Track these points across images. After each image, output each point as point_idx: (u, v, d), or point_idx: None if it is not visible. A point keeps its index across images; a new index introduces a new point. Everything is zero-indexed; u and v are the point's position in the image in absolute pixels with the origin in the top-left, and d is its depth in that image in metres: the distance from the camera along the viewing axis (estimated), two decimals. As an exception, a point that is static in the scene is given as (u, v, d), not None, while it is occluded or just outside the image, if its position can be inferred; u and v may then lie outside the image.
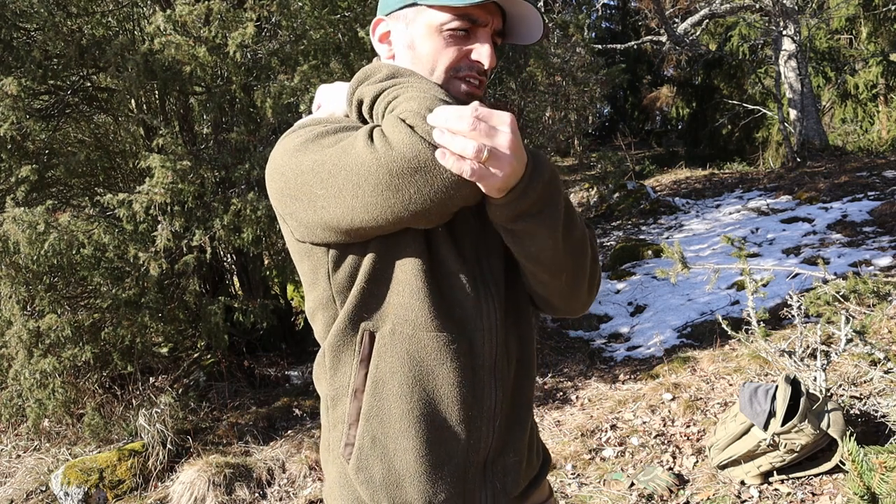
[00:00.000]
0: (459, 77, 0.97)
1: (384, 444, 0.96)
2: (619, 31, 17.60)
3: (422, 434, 0.94)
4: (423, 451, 0.94)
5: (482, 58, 0.95)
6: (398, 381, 0.94)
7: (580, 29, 5.61)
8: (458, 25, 0.94)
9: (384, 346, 0.95)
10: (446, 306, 0.94)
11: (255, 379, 4.60)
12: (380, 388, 0.95)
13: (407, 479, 0.95)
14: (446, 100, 0.87)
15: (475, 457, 0.98)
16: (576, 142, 8.73)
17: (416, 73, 0.94)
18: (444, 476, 0.96)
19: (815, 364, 3.03)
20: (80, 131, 4.61)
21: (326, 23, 3.99)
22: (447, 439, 0.96)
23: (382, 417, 0.95)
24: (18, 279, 3.44)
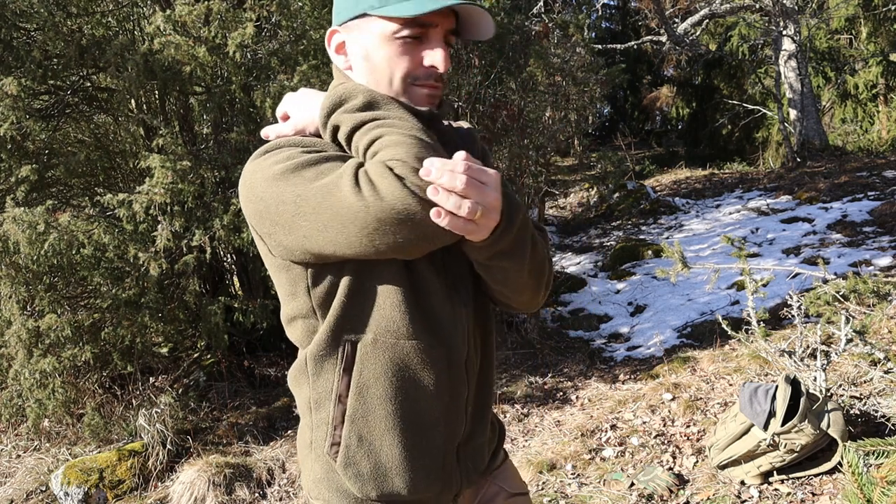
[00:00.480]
0: (417, 84, 0.98)
1: (370, 442, 1.02)
2: (619, 31, 17.59)
3: (406, 431, 1.02)
4: (407, 446, 1.02)
5: (436, 62, 0.96)
6: (383, 386, 1.00)
7: (580, 29, 5.61)
8: (410, 33, 0.94)
9: (367, 355, 1.00)
10: (425, 316, 0.99)
11: (255, 379, 4.60)
12: (364, 393, 1.01)
13: (393, 471, 1.03)
14: (427, 140, 0.89)
15: (451, 444, 1.07)
16: (576, 142, 8.73)
17: (392, 101, 0.96)
18: (425, 465, 1.04)
19: (815, 364, 3.03)
20: (80, 131, 4.61)
21: (326, 23, 3.99)
22: (428, 433, 1.04)
23: (368, 418, 1.02)
24: (18, 279, 3.44)
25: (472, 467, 1.12)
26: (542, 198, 5.43)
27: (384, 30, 0.95)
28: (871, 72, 11.71)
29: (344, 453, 1.03)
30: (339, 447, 1.04)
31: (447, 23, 0.97)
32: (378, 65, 0.97)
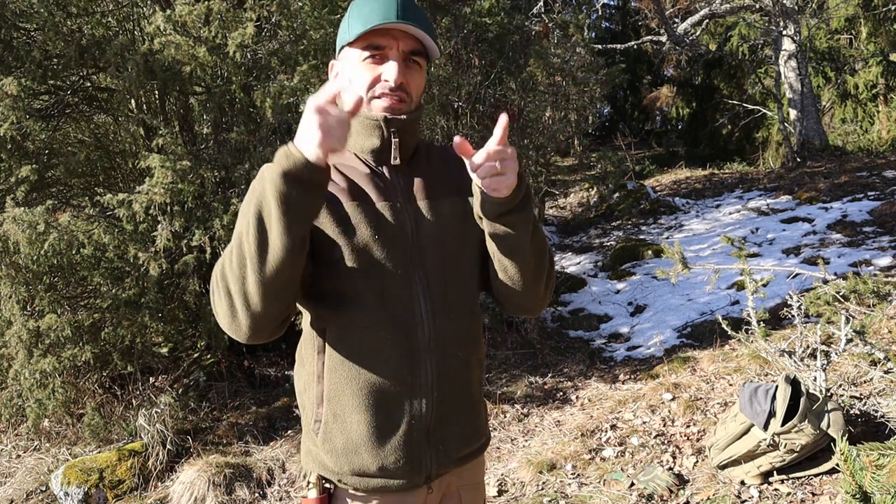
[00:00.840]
0: (377, 97, 1.14)
1: (343, 420, 1.16)
2: (619, 31, 17.59)
3: (370, 409, 1.15)
4: (372, 423, 1.15)
5: (388, 75, 1.13)
6: (346, 367, 1.15)
7: (580, 29, 5.61)
8: (368, 53, 1.13)
9: (333, 339, 1.16)
10: (383, 305, 1.14)
11: (255, 379, 4.60)
12: (333, 374, 1.16)
13: (362, 447, 1.16)
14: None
15: (418, 425, 1.17)
16: (576, 142, 8.73)
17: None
18: (392, 443, 1.16)
19: (815, 364, 3.03)
20: (80, 131, 4.61)
21: (326, 23, 3.99)
22: (392, 412, 1.16)
23: (339, 398, 1.16)
24: (18, 279, 3.44)
25: (444, 451, 1.21)
26: (542, 198, 5.43)
27: (353, 55, 1.15)
28: (871, 72, 11.71)
29: (323, 429, 1.18)
30: (321, 423, 1.18)
31: (404, 45, 1.13)
32: (353, 83, 1.15)
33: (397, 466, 1.16)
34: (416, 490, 1.21)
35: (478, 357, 1.27)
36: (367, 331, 1.14)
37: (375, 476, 1.17)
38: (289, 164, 0.95)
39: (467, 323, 1.23)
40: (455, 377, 1.21)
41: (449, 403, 1.21)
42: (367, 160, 1.19)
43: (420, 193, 1.20)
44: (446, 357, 1.19)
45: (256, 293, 1.01)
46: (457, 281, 1.21)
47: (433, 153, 1.27)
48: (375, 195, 1.16)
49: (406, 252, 1.16)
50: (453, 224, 1.20)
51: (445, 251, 1.19)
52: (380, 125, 1.15)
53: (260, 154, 3.71)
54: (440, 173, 1.23)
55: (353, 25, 1.13)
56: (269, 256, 0.98)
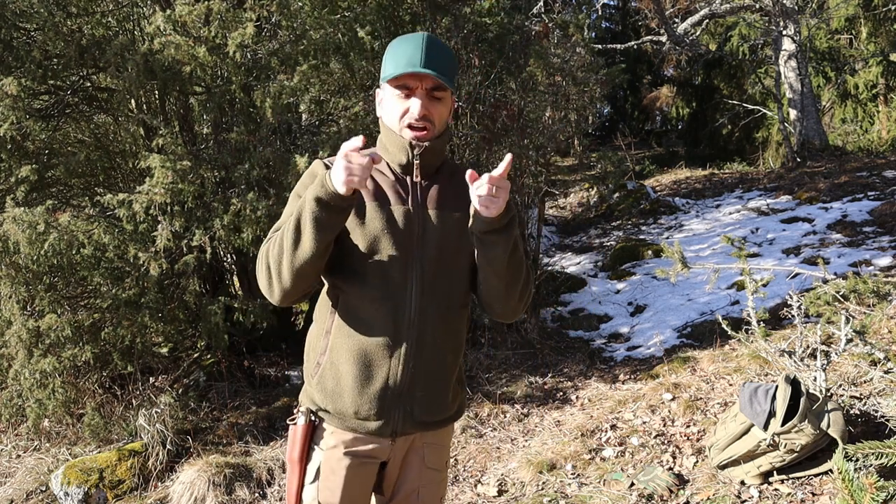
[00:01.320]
0: (408, 126, 1.42)
1: (336, 368, 1.46)
2: (619, 31, 17.58)
3: (358, 364, 1.43)
4: (357, 376, 1.43)
5: (413, 110, 1.41)
6: (348, 328, 1.45)
7: (580, 29, 5.60)
8: (399, 92, 1.42)
9: (342, 305, 1.46)
10: (383, 284, 1.42)
11: (255, 379, 4.60)
12: (338, 332, 1.46)
13: (345, 393, 1.45)
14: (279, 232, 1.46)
15: (392, 385, 1.44)
16: (576, 142, 8.72)
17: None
18: (368, 395, 1.44)
19: (815, 364, 3.03)
20: (80, 131, 4.61)
21: (326, 23, 3.99)
22: (373, 369, 1.43)
23: (339, 351, 1.45)
24: (18, 279, 3.44)
25: (410, 413, 1.47)
26: (542, 198, 5.43)
27: (390, 91, 1.44)
28: (871, 72, 11.70)
29: (320, 373, 1.48)
30: (320, 368, 1.48)
31: (427, 83, 1.40)
32: (388, 112, 1.46)
33: (369, 415, 1.44)
34: (381, 438, 1.48)
35: (453, 346, 1.51)
36: (368, 302, 1.43)
37: (351, 418, 1.46)
38: (322, 192, 1.28)
39: (448, 315, 1.48)
40: (429, 355, 1.46)
41: (421, 375, 1.46)
42: (396, 170, 1.48)
43: (433, 203, 1.47)
44: (424, 336, 1.44)
45: (288, 275, 1.36)
46: (447, 278, 1.47)
47: (457, 173, 1.52)
48: (394, 199, 1.44)
49: (409, 247, 1.43)
50: (455, 233, 1.46)
51: (443, 252, 1.45)
52: (406, 148, 1.44)
53: (260, 154, 3.71)
54: (455, 190, 1.49)
55: (388, 66, 1.43)
56: (299, 253, 1.33)
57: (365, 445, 1.48)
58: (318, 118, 4.47)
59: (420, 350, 1.44)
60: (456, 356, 1.53)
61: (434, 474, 1.57)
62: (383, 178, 1.47)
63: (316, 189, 1.29)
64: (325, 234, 1.31)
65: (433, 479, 1.57)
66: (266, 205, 3.58)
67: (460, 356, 1.56)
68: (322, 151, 3.77)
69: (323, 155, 3.78)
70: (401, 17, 4.83)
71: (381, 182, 1.47)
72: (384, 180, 1.47)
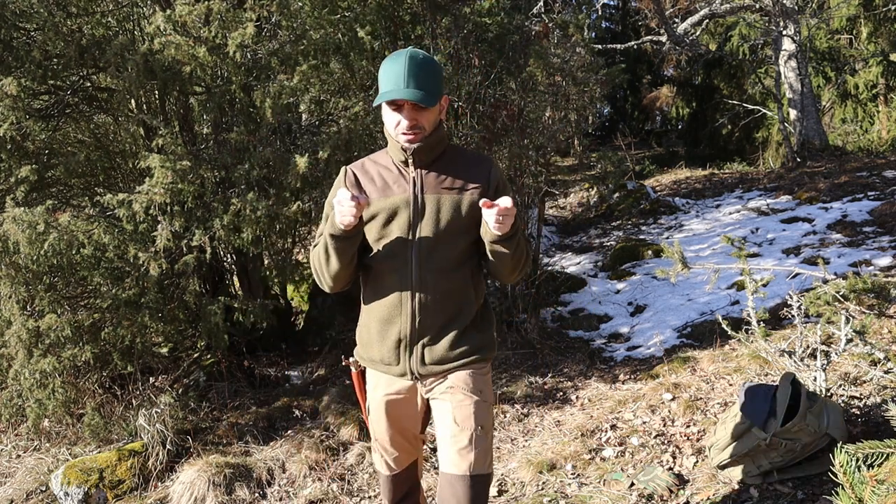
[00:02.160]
0: (400, 133, 1.74)
1: (368, 326, 1.90)
2: (619, 31, 17.59)
3: (378, 321, 1.85)
4: (378, 331, 1.85)
5: (402, 124, 1.73)
6: (372, 294, 1.87)
7: (580, 29, 5.60)
8: (391, 108, 1.74)
9: (369, 276, 1.88)
10: (391, 256, 1.80)
11: (255, 379, 4.60)
12: (367, 296, 1.89)
13: (373, 344, 1.88)
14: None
15: (403, 338, 1.82)
16: (576, 142, 8.72)
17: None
18: (387, 346, 1.85)
19: (815, 364, 3.03)
20: (80, 131, 4.61)
21: (326, 23, 3.99)
22: (389, 326, 1.83)
23: (368, 312, 1.89)
24: (18, 279, 3.44)
25: (420, 358, 1.82)
26: (542, 198, 5.43)
27: (385, 105, 1.76)
28: (871, 72, 11.70)
29: (359, 330, 1.95)
30: (360, 326, 1.95)
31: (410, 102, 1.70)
32: (387, 126, 1.79)
33: (390, 361, 1.85)
34: (403, 379, 1.87)
35: (458, 300, 1.83)
36: (382, 274, 1.82)
37: (379, 364, 1.89)
38: (332, 230, 1.72)
39: (449, 276, 1.80)
40: (432, 312, 1.80)
41: (426, 328, 1.81)
42: (399, 165, 1.83)
43: (430, 188, 1.79)
44: (425, 298, 1.79)
45: (329, 278, 1.84)
46: (444, 248, 1.79)
47: (458, 158, 1.86)
48: (397, 189, 1.80)
49: (410, 226, 1.78)
50: (449, 212, 1.78)
51: (438, 226, 1.77)
52: (402, 149, 1.77)
53: (260, 154, 3.71)
54: (453, 175, 1.81)
55: (381, 86, 1.73)
56: (331, 267, 1.80)
57: (392, 385, 1.89)
58: (318, 118, 4.47)
59: (423, 308, 1.79)
60: (465, 306, 1.84)
61: (461, 393, 1.81)
62: (388, 172, 1.83)
63: (329, 228, 1.73)
64: (343, 255, 1.76)
65: (463, 401, 1.81)
66: (266, 205, 3.58)
67: (472, 304, 1.85)
68: (322, 151, 3.77)
69: (323, 156, 3.78)
70: (401, 17, 4.83)
71: (385, 177, 1.83)
72: (388, 174, 1.83)
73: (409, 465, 2.04)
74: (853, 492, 1.06)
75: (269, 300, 4.29)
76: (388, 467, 2.02)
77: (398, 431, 1.96)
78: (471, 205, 1.78)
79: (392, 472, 2.02)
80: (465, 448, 1.76)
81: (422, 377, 1.85)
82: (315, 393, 4.30)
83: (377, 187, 1.81)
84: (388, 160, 1.85)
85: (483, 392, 1.85)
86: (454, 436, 1.78)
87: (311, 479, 3.29)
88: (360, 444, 3.50)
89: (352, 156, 3.99)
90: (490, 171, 1.84)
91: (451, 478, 1.76)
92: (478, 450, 1.76)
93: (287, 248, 4.83)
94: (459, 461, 1.75)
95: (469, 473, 1.74)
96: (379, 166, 1.85)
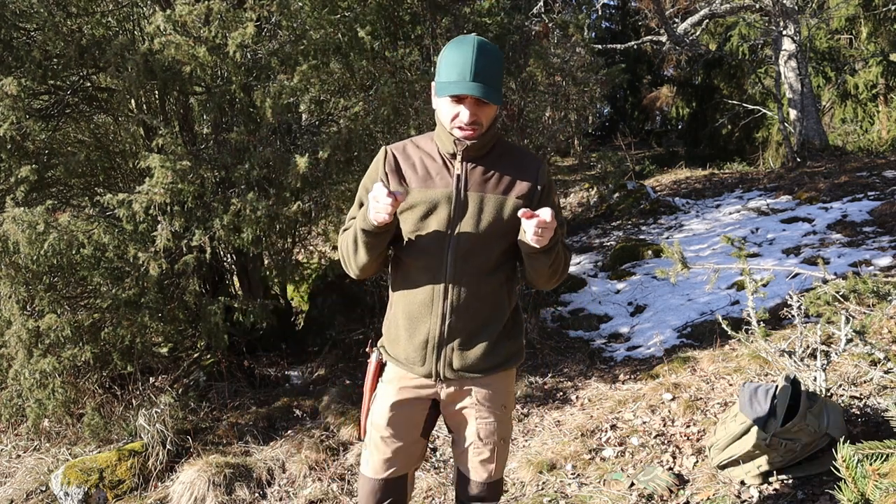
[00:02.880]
0: (457, 127, 1.65)
1: (395, 321, 1.80)
2: (619, 31, 17.59)
3: (407, 318, 1.76)
4: (406, 328, 1.76)
5: (463, 118, 1.62)
6: (402, 288, 1.78)
7: (580, 29, 5.60)
8: (452, 101, 1.63)
9: (400, 270, 1.79)
10: (425, 252, 1.70)
11: (255, 379, 4.60)
12: (396, 290, 1.81)
13: (400, 341, 1.79)
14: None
15: (431, 338, 1.74)
16: (576, 142, 8.73)
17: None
18: (414, 345, 1.76)
19: (815, 364, 3.03)
20: (80, 131, 4.61)
21: (326, 23, 3.99)
22: (417, 325, 1.74)
23: (397, 306, 1.80)
24: (18, 279, 3.44)
25: (448, 361, 1.75)
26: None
27: (443, 99, 1.65)
28: (871, 72, 11.70)
29: (387, 324, 1.86)
30: (387, 320, 1.85)
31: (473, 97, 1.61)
32: (440, 112, 1.69)
33: (415, 361, 1.76)
34: (426, 379, 1.78)
35: (492, 303, 1.75)
36: (414, 269, 1.73)
37: (403, 361, 1.80)
38: (365, 225, 1.63)
39: (484, 278, 1.72)
40: (465, 314, 1.72)
41: (458, 330, 1.73)
42: (445, 156, 1.72)
43: (474, 185, 1.69)
44: (458, 299, 1.70)
45: (355, 267, 1.76)
46: (480, 249, 1.70)
47: (507, 154, 1.75)
48: (440, 182, 1.70)
49: (449, 222, 1.68)
50: (491, 212, 1.69)
51: (478, 227, 1.68)
52: (454, 142, 1.68)
53: (260, 154, 3.71)
54: (500, 173, 1.71)
55: (441, 75, 1.64)
56: (358, 258, 1.72)
57: (412, 383, 1.80)
58: (318, 118, 4.47)
59: (455, 310, 1.71)
60: (497, 311, 1.77)
61: (489, 413, 1.80)
62: (432, 162, 1.73)
63: (361, 221, 1.64)
64: (372, 249, 1.69)
65: (488, 419, 1.81)
66: (266, 205, 3.58)
67: (505, 310, 1.79)
68: (322, 151, 3.77)
69: (323, 156, 3.78)
70: (401, 17, 4.83)
71: (428, 166, 1.72)
72: (432, 165, 1.72)
73: (398, 475, 1.87)
74: (856, 486, 1.07)
75: (269, 300, 4.29)
76: (374, 469, 1.85)
77: (398, 431, 1.82)
78: (514, 208, 1.68)
79: (377, 475, 1.85)
80: (487, 459, 1.84)
81: (447, 381, 1.77)
82: (315, 393, 4.30)
83: (418, 176, 1.71)
84: (432, 147, 1.74)
85: (506, 405, 1.86)
86: (476, 448, 1.84)
87: (311, 479, 3.29)
88: (360, 444, 3.49)
89: (352, 156, 4.00)
90: (539, 171, 1.74)
91: (470, 481, 1.88)
92: (498, 460, 1.85)
93: (287, 248, 4.83)
94: (481, 470, 1.85)
95: (489, 481, 1.86)
96: (422, 152, 1.74)
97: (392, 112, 4.04)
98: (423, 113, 4.24)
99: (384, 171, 1.72)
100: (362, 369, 4.70)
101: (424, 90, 4.19)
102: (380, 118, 4.02)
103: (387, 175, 1.72)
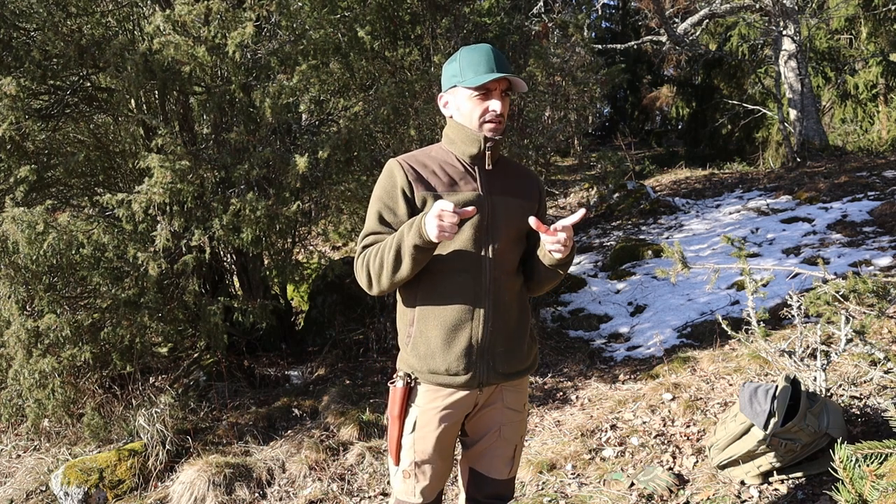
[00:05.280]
0: (486, 121, 1.68)
1: (426, 334, 1.71)
2: (619, 31, 17.60)
3: (443, 328, 1.69)
4: (444, 338, 1.69)
5: (495, 108, 1.67)
6: (433, 298, 1.70)
7: (580, 29, 5.60)
8: (479, 94, 1.67)
9: (427, 279, 1.70)
10: (460, 259, 1.68)
11: (255, 379, 4.60)
12: (423, 303, 1.71)
13: (437, 354, 1.69)
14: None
15: (475, 344, 1.70)
16: (576, 142, 8.73)
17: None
18: (455, 353, 1.69)
19: (815, 364, 3.03)
20: (79, 131, 4.61)
21: (326, 23, 3.99)
22: (458, 332, 1.69)
23: (426, 319, 1.71)
24: (18, 279, 3.44)
25: (493, 366, 1.72)
26: (541, 198, 5.43)
27: (467, 93, 1.69)
28: (871, 72, 11.70)
29: (413, 341, 1.73)
30: (410, 338, 1.74)
31: (502, 85, 1.67)
32: (465, 112, 1.70)
33: (458, 370, 1.69)
34: (470, 390, 1.73)
35: (520, 305, 1.78)
36: (449, 276, 1.68)
37: (443, 375, 1.70)
38: (420, 241, 1.55)
39: (513, 279, 1.76)
40: (504, 315, 1.72)
41: (499, 333, 1.72)
42: (465, 161, 1.73)
43: (498, 189, 1.73)
44: (498, 300, 1.70)
45: (387, 283, 1.65)
46: (510, 250, 1.74)
47: (510, 165, 1.82)
48: (465, 186, 1.70)
49: (483, 227, 1.69)
50: (517, 216, 1.73)
51: (509, 231, 1.72)
52: (479, 140, 1.69)
53: (260, 154, 3.71)
54: (512, 181, 1.78)
55: (467, 72, 1.67)
56: (399, 274, 1.62)
57: (454, 398, 1.73)
58: (318, 118, 4.47)
59: (496, 312, 1.71)
60: (525, 313, 1.81)
61: (514, 414, 1.83)
62: (453, 168, 1.73)
63: (414, 238, 1.57)
64: (420, 264, 1.63)
65: (513, 419, 1.83)
66: (265, 205, 3.58)
67: (529, 312, 1.83)
68: (322, 151, 3.77)
69: (323, 156, 3.78)
70: (401, 17, 4.83)
71: (451, 173, 1.72)
72: (454, 171, 1.72)
73: (438, 494, 1.88)
74: (853, 487, 1.07)
75: (269, 300, 4.29)
76: (425, 495, 1.81)
77: (440, 452, 1.78)
78: (528, 213, 1.74)
79: (427, 500, 1.82)
80: (508, 458, 1.88)
81: (486, 386, 1.74)
82: (315, 393, 4.30)
83: (443, 182, 1.69)
84: (447, 156, 1.74)
85: (526, 404, 1.90)
86: (500, 447, 1.86)
87: (311, 479, 3.29)
88: (360, 444, 3.49)
89: (352, 156, 3.99)
90: (538, 186, 1.84)
91: (489, 479, 1.89)
92: (516, 458, 1.91)
93: (287, 248, 4.83)
94: (502, 468, 1.89)
95: (507, 478, 1.91)
96: (438, 160, 1.74)
97: (392, 112, 4.04)
98: (422, 113, 4.24)
99: (407, 181, 1.68)
100: (362, 369, 4.71)
101: (424, 90, 4.19)
102: (379, 118, 4.01)
103: (410, 185, 1.67)
